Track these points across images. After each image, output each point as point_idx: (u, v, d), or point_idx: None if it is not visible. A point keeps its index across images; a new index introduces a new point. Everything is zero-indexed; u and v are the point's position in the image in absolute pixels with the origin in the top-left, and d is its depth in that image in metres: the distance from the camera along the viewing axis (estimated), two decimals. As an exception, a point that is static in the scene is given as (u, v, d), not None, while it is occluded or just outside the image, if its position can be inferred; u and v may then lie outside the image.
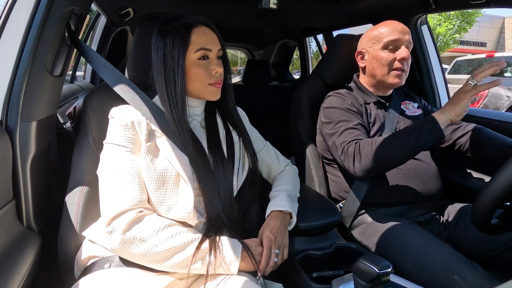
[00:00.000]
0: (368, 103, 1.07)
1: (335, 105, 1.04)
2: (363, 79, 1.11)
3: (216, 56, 0.74)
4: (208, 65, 0.72)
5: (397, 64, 1.00)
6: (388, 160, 0.88)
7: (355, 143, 0.92)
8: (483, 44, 15.12)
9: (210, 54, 0.72)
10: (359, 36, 1.15)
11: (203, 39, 0.71)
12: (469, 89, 0.81)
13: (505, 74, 5.67)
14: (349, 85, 1.15)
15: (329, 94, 1.11)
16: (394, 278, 0.65)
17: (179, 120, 0.69)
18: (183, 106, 0.70)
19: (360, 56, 1.10)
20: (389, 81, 1.02)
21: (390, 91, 1.11)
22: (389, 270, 0.54)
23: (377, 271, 0.53)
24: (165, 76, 0.70)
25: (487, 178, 1.14)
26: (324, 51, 1.91)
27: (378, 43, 1.02)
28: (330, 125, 1.02)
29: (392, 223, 0.92)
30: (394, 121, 1.03)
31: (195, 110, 0.79)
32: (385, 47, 1.01)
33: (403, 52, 0.98)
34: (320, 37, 2.54)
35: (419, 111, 1.12)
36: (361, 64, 1.10)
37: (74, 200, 0.74)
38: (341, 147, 0.95)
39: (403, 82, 1.03)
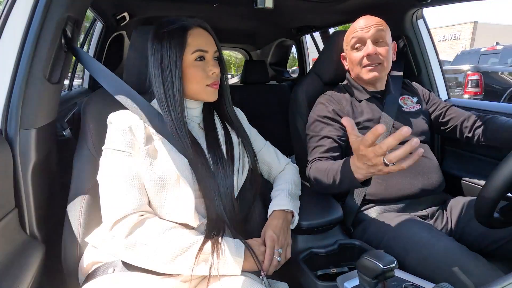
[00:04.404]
0: (360, 101, 1.07)
1: (314, 116, 1.07)
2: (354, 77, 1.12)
3: (212, 57, 0.75)
4: (205, 66, 0.73)
5: (365, 62, 1.02)
6: (326, 191, 0.92)
7: (311, 163, 0.97)
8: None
9: (206, 55, 0.73)
10: None
11: (199, 41, 0.72)
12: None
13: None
14: (343, 83, 1.16)
15: (319, 97, 1.12)
16: (398, 273, 0.65)
17: (178, 122, 0.70)
18: (182, 107, 0.71)
19: (344, 60, 1.14)
20: (365, 78, 1.04)
21: (382, 85, 1.10)
22: (394, 265, 0.53)
23: (382, 266, 0.52)
24: (163, 78, 0.70)
25: (488, 171, 1.14)
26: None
27: (348, 45, 1.06)
28: (307, 137, 1.07)
29: (394, 219, 0.92)
30: (391, 119, 1.03)
31: (193, 112, 0.79)
32: (353, 47, 1.05)
33: (368, 48, 1.00)
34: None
35: (418, 106, 1.11)
36: (346, 67, 1.14)
37: (76, 206, 0.74)
38: (308, 164, 1.01)
39: (382, 74, 1.03)
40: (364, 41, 1.01)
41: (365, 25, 1.00)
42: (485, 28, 17.12)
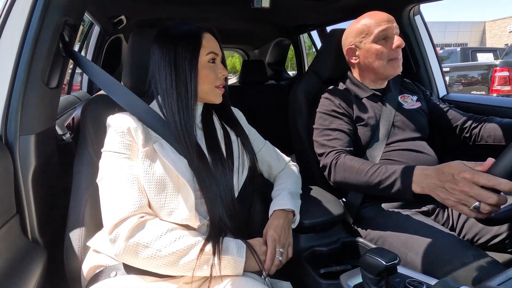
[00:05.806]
0: (362, 98, 1.07)
1: (322, 110, 1.06)
2: (357, 74, 1.11)
3: (220, 61, 0.77)
4: (215, 68, 0.75)
5: (393, 54, 1.00)
6: (354, 188, 0.93)
7: (335, 153, 0.96)
8: (464, 45, 18.39)
9: (216, 58, 0.76)
10: None
11: (211, 44, 0.75)
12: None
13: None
14: (343, 81, 1.15)
15: (323, 93, 1.11)
16: (401, 270, 0.65)
17: (187, 122, 0.70)
18: (193, 107, 0.71)
19: (351, 53, 1.08)
20: (389, 73, 1.02)
21: (386, 83, 1.10)
22: (396, 261, 0.53)
23: (384, 263, 0.52)
24: (176, 77, 0.70)
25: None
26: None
27: (368, 36, 1.01)
28: (316, 132, 1.06)
29: (395, 215, 0.92)
30: (391, 115, 1.03)
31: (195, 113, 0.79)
32: (376, 38, 1.00)
33: (398, 39, 0.99)
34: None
35: (418, 104, 1.11)
36: (353, 60, 1.08)
37: (78, 210, 0.75)
38: (322, 156, 1.00)
39: (401, 70, 1.03)
40: (390, 33, 0.99)
41: (388, 19, 1.00)
42: None
